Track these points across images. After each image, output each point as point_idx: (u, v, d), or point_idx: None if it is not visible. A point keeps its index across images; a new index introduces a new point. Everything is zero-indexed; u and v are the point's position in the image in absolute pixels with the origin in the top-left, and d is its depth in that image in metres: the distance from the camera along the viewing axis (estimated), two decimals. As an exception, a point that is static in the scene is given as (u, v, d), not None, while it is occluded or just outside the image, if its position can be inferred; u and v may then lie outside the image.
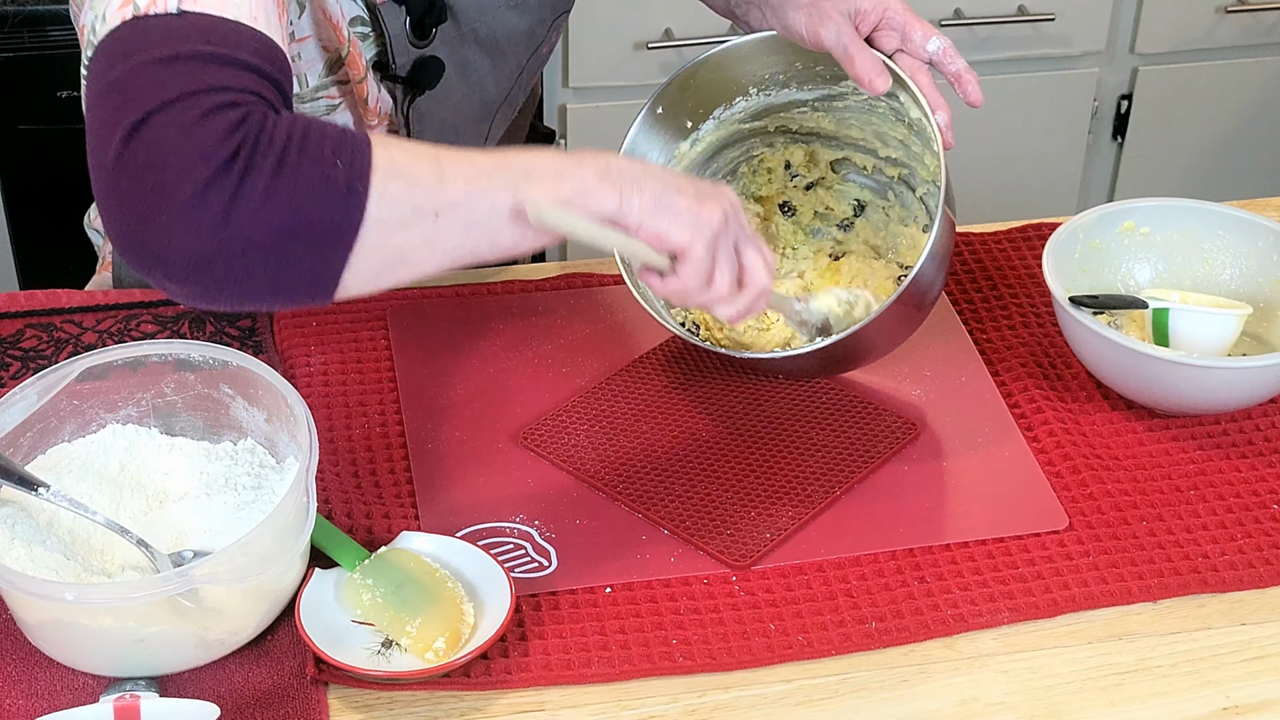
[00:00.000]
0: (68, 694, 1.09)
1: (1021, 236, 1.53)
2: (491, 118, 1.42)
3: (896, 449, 1.29)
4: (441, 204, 1.02)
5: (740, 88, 1.36)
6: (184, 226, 0.97)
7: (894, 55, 1.27)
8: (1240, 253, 1.40)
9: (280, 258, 0.99)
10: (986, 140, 2.53)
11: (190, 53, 1.01)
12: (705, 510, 1.23)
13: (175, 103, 0.98)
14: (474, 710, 1.09)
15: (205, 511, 1.17)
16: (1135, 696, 1.11)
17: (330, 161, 0.99)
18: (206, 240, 0.97)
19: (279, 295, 1.02)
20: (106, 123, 0.99)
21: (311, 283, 1.01)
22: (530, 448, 1.28)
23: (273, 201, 0.98)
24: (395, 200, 1.00)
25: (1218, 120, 2.61)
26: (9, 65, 2.17)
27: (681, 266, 1.07)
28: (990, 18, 2.43)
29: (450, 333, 1.40)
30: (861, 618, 1.15)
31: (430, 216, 1.01)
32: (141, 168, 0.98)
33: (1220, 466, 1.28)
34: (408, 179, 1.01)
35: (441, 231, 1.02)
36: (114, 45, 1.02)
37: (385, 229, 1.00)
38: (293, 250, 0.99)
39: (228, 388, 1.21)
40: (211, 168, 0.97)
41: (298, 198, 0.98)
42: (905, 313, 1.26)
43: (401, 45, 1.29)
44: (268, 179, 0.98)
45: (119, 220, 0.99)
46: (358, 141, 1.01)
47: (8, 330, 1.39)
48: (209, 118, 0.98)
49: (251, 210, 0.97)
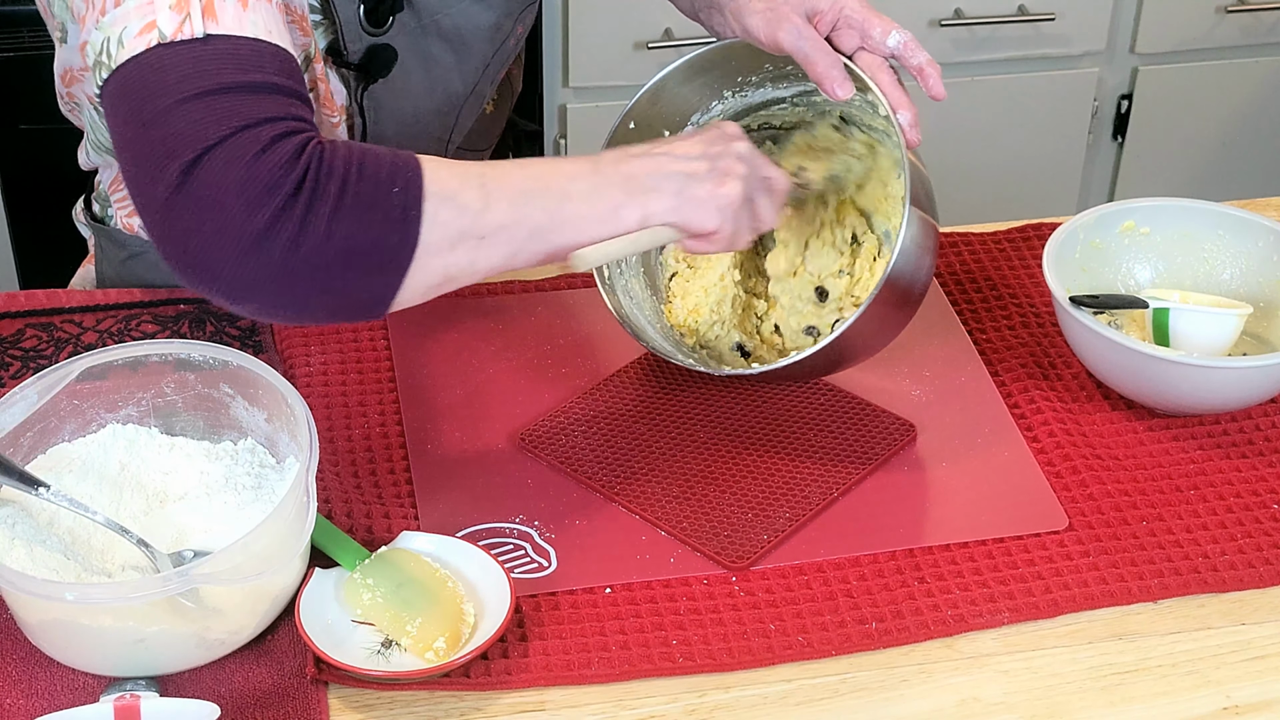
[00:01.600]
0: (68, 694, 1.09)
1: (1021, 236, 1.53)
2: (457, 111, 1.42)
3: (896, 450, 1.29)
4: (487, 229, 1.08)
5: (714, 93, 1.36)
6: (252, 256, 1.02)
7: (855, 53, 1.25)
8: (1240, 253, 1.40)
9: (341, 281, 1.04)
10: (986, 140, 2.53)
11: (230, 84, 1.04)
12: (704, 511, 1.23)
13: (232, 137, 1.02)
14: (474, 710, 1.09)
15: (205, 511, 1.17)
16: (1135, 696, 1.11)
17: (387, 187, 1.05)
18: (273, 268, 1.02)
19: (335, 314, 1.08)
20: (155, 158, 1.03)
21: (367, 303, 1.07)
22: (529, 448, 1.28)
23: (336, 229, 1.03)
24: (446, 225, 1.06)
25: (1218, 120, 2.61)
26: (9, 65, 2.17)
27: (709, 242, 1.17)
28: (990, 18, 2.43)
29: (450, 333, 1.40)
30: (861, 618, 1.15)
31: (475, 239, 1.08)
32: (203, 202, 1.02)
33: (1220, 466, 1.28)
34: (457, 205, 1.07)
35: (485, 253, 1.09)
36: (144, 74, 1.05)
37: (435, 252, 1.06)
38: (352, 275, 1.04)
39: (228, 387, 1.21)
40: (279, 200, 1.02)
41: (360, 224, 1.04)
42: (886, 313, 1.24)
43: (354, 31, 1.30)
44: (332, 206, 1.03)
45: (181, 253, 1.04)
46: (410, 165, 1.06)
47: (8, 330, 1.39)
48: (268, 151, 1.03)
49: (317, 238, 1.02)
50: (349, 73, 1.33)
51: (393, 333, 1.39)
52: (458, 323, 1.41)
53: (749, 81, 1.35)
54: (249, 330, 1.39)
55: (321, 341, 1.38)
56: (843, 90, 1.24)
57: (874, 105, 1.31)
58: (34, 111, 2.20)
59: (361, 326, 1.40)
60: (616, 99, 2.33)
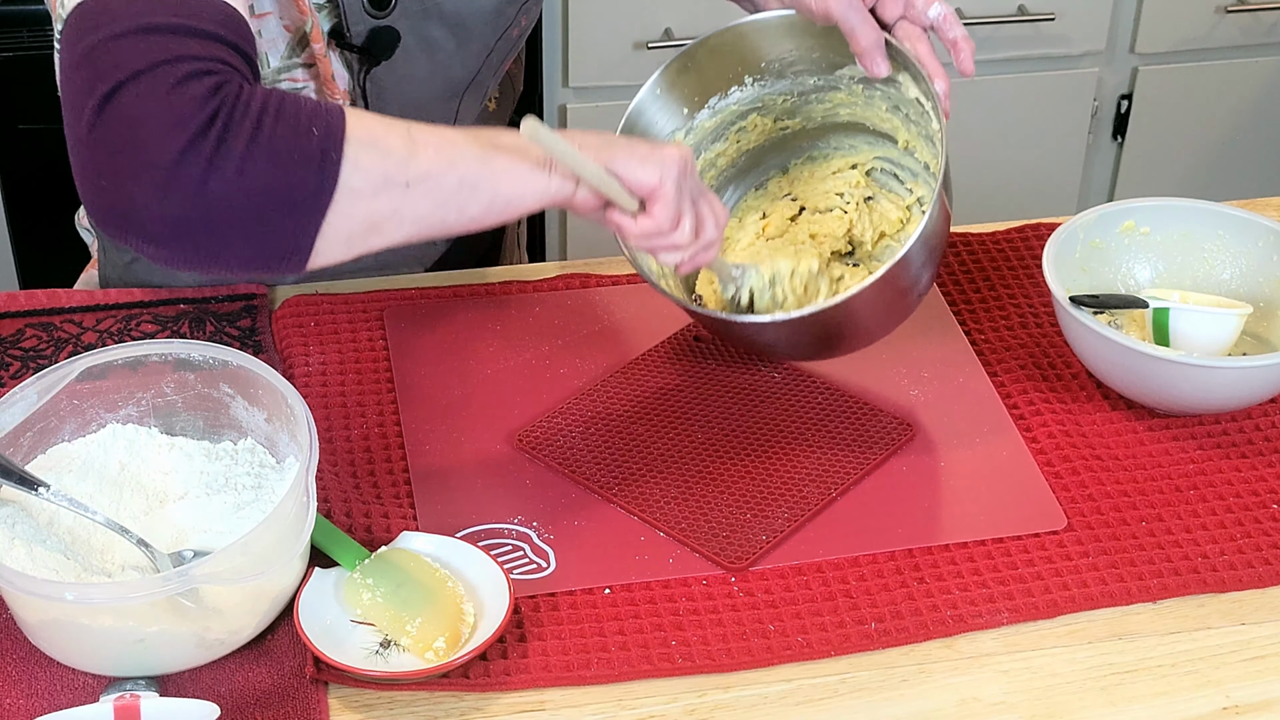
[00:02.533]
0: (68, 694, 1.09)
1: (1021, 237, 1.53)
2: (459, 98, 1.42)
3: (894, 450, 1.29)
4: (413, 175, 1.06)
5: (736, 76, 1.36)
6: (162, 191, 1.00)
7: (897, 22, 1.28)
8: (1240, 253, 1.40)
9: (256, 222, 1.02)
10: (986, 140, 2.53)
11: (159, 24, 1.04)
12: (702, 512, 1.22)
13: (147, 72, 1.01)
14: (474, 710, 1.09)
15: (205, 511, 1.17)
16: (1135, 696, 1.11)
17: (305, 129, 1.03)
18: (184, 204, 1.01)
19: (254, 260, 1.05)
20: (79, 93, 1.02)
21: (286, 248, 1.04)
22: (527, 449, 1.28)
23: (249, 166, 1.01)
24: (368, 169, 1.04)
25: (1218, 120, 2.61)
26: (9, 65, 2.17)
27: (654, 205, 1.13)
28: (990, 18, 2.43)
29: (447, 333, 1.40)
30: (861, 618, 1.15)
31: (401, 187, 1.05)
32: (117, 136, 1.01)
33: (1220, 466, 1.28)
34: (380, 149, 1.05)
35: (411, 202, 1.06)
36: (82, 19, 1.05)
37: (357, 197, 1.04)
38: (268, 215, 1.02)
39: (228, 387, 1.21)
40: (189, 133, 1.00)
41: (274, 163, 1.02)
42: (890, 295, 1.23)
43: (357, 14, 1.30)
44: (245, 143, 1.01)
45: (96, 188, 1.03)
46: (332, 111, 1.05)
47: (8, 330, 1.39)
48: (183, 85, 1.01)
49: (229, 174, 1.01)
50: (352, 56, 1.33)
51: (391, 333, 1.39)
52: (456, 323, 1.41)
53: (770, 68, 1.35)
54: (249, 330, 1.39)
55: (321, 341, 1.38)
56: (881, 67, 1.27)
57: (881, 97, 1.33)
58: (34, 111, 2.20)
59: (360, 326, 1.40)
60: (616, 99, 2.33)
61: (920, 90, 1.28)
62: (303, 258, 1.05)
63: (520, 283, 1.46)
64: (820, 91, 1.37)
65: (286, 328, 1.39)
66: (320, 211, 1.03)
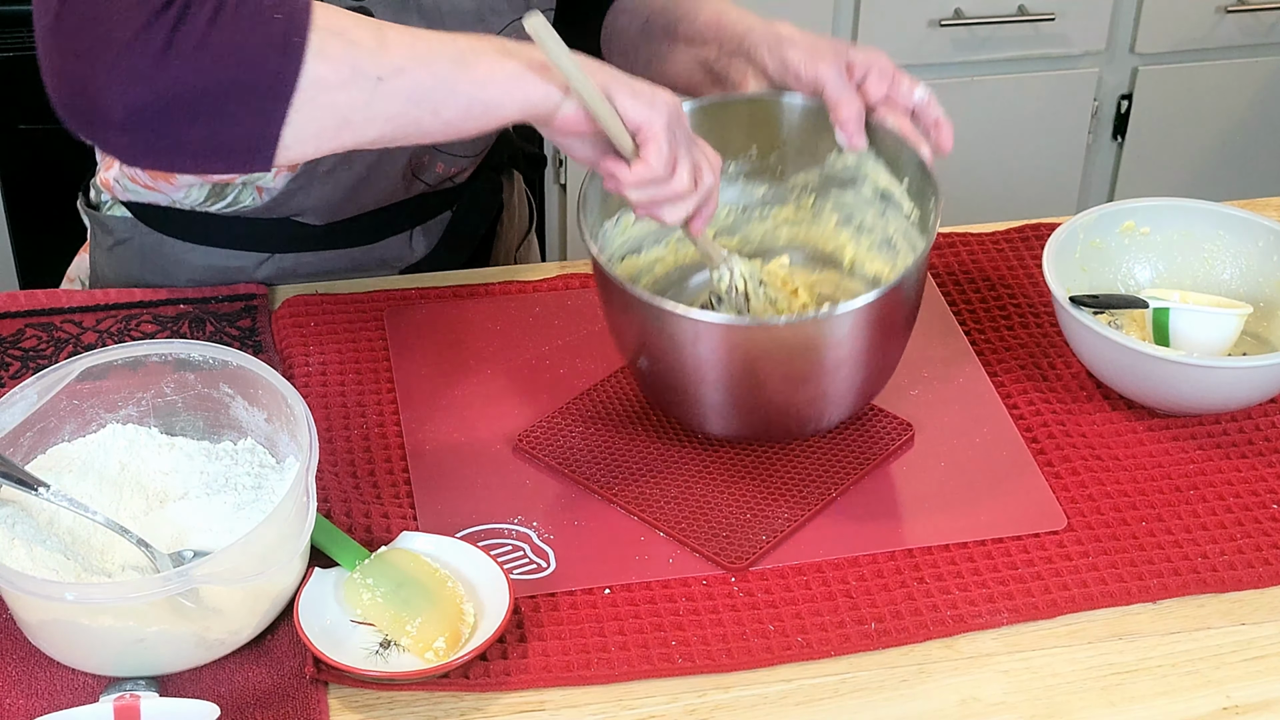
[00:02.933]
0: (68, 694, 1.09)
1: (1020, 237, 1.53)
2: None
3: (894, 450, 1.29)
4: (384, 69, 1.04)
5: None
6: (120, 74, 1.00)
7: (881, 101, 1.28)
8: (1240, 253, 1.40)
9: (217, 109, 1.01)
10: (986, 140, 2.54)
11: None
12: (702, 512, 1.22)
13: None
14: (474, 710, 1.09)
15: (205, 511, 1.17)
16: (1135, 696, 1.11)
17: (268, 15, 1.02)
18: (143, 88, 1.00)
19: (219, 153, 1.03)
20: None
21: (251, 140, 1.03)
22: (527, 449, 1.28)
23: (208, 49, 1.00)
24: (335, 59, 1.03)
25: (1218, 120, 2.62)
26: (9, 65, 2.17)
27: (646, 148, 1.11)
28: (990, 18, 2.44)
29: (447, 333, 1.40)
30: (861, 618, 1.15)
31: (372, 80, 1.04)
32: (80, 21, 1.01)
33: (1220, 466, 1.28)
34: (348, 40, 1.04)
35: (383, 98, 1.05)
36: None
37: (324, 87, 1.03)
38: (230, 102, 1.01)
39: (228, 387, 1.21)
40: (147, 13, 1.00)
41: (234, 47, 1.01)
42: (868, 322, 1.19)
43: None
44: (204, 25, 1.00)
45: (59, 77, 1.03)
46: (297, 1, 1.03)
47: (8, 330, 1.39)
48: None
49: (186, 56, 1.00)
50: None
51: (391, 333, 1.39)
52: (456, 323, 1.41)
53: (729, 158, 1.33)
54: (249, 330, 1.39)
55: (320, 341, 1.38)
56: (859, 142, 1.27)
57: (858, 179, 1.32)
58: (34, 111, 2.19)
59: (360, 326, 1.40)
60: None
61: (892, 176, 1.28)
62: (269, 151, 1.03)
63: (520, 283, 1.46)
64: (765, 206, 1.35)
65: (286, 328, 1.39)
66: (284, 99, 1.02)
